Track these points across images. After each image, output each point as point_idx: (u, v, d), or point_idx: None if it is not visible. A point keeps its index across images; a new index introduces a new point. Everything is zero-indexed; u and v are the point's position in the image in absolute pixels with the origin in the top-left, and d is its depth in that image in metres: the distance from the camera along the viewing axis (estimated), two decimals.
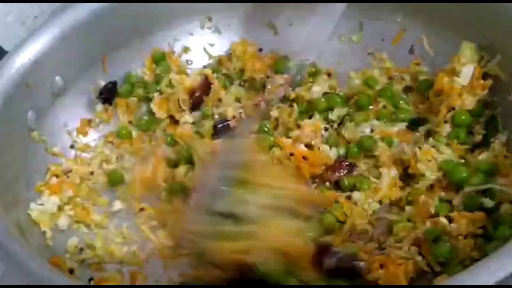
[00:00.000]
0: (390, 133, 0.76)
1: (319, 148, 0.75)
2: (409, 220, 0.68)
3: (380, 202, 0.71)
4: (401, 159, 0.73)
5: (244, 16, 0.89)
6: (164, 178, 0.77)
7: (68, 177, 0.76)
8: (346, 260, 0.64)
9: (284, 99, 0.81)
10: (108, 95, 0.83)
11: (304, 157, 0.74)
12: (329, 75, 0.85)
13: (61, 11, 0.81)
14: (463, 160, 0.71)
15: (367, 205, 0.71)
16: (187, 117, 0.81)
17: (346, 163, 0.74)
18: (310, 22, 0.87)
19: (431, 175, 0.70)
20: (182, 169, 0.76)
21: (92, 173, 0.78)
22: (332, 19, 0.83)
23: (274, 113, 0.80)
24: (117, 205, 0.76)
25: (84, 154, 0.80)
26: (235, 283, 0.64)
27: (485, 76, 0.74)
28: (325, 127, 0.79)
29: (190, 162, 0.76)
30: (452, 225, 0.64)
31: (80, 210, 0.74)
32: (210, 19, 0.89)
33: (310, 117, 0.80)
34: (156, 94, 0.82)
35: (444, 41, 0.80)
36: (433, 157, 0.71)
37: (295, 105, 0.80)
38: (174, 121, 0.82)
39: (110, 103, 0.83)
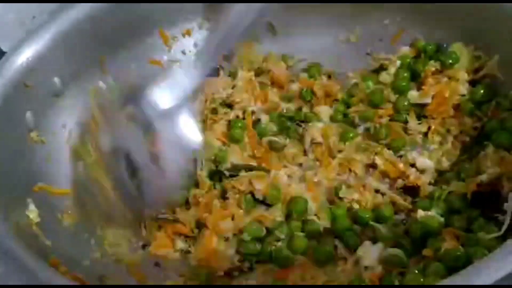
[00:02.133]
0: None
1: None
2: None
3: None
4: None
5: None
6: None
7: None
8: None
9: None
10: None
11: None
12: (329, 77, 0.85)
13: (60, 11, 0.81)
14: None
15: None
16: None
17: None
18: (308, 22, 0.88)
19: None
20: None
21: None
22: (330, 19, 0.84)
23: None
24: None
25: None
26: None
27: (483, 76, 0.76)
28: None
29: None
30: None
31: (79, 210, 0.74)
32: (208, 20, 0.89)
33: None
34: None
35: (442, 42, 0.80)
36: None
37: None
38: None
39: None
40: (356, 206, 0.71)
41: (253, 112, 0.81)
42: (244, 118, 0.80)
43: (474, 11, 0.76)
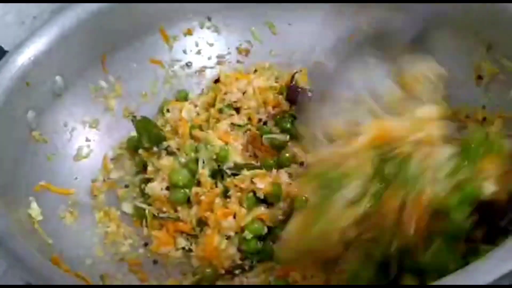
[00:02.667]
0: None
1: None
2: None
3: None
4: None
5: (244, 16, 0.89)
6: None
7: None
8: None
9: None
10: None
11: None
12: None
13: (61, 11, 0.81)
14: None
15: None
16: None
17: None
18: (309, 22, 0.88)
19: None
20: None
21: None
22: (331, 19, 0.84)
23: None
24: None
25: (84, 153, 0.81)
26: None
27: (481, 77, 0.76)
28: None
29: None
30: None
31: (81, 209, 0.75)
32: (209, 19, 0.89)
33: None
34: None
35: (443, 41, 0.80)
36: None
37: None
38: None
39: None
40: None
41: (259, 120, 0.81)
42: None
43: (475, 11, 0.76)
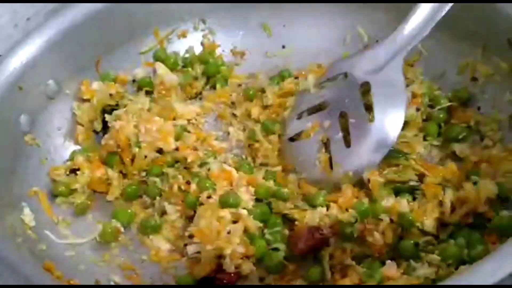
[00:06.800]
0: None
1: None
2: None
3: None
4: None
5: (238, 18, 0.89)
6: None
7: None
8: None
9: None
10: None
11: None
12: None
13: (55, 12, 0.81)
14: None
15: None
16: None
17: None
18: (305, 23, 0.88)
19: None
20: None
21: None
22: (327, 20, 0.84)
23: None
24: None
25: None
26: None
27: (476, 78, 0.77)
28: None
29: None
30: None
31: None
32: (204, 21, 0.89)
33: None
34: None
35: (439, 42, 0.80)
36: None
37: None
38: None
39: None
40: None
41: None
42: None
43: (471, 11, 0.76)
